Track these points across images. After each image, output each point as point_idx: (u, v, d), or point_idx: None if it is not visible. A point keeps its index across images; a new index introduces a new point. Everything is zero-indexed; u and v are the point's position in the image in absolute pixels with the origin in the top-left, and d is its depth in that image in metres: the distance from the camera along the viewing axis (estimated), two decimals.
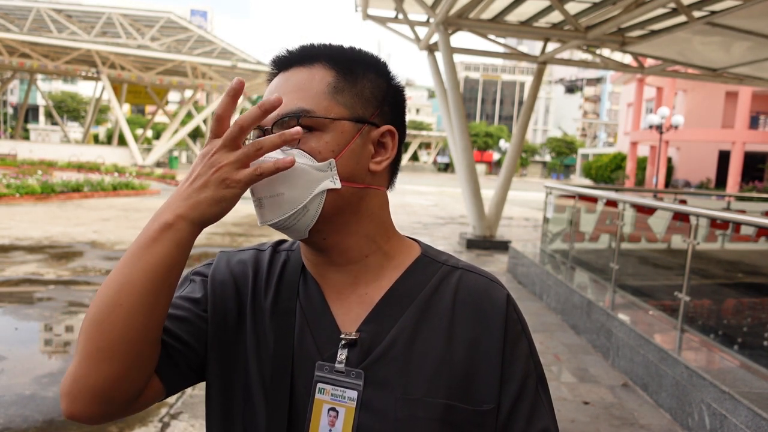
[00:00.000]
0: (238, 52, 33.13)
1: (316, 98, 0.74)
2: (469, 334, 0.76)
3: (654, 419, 3.62)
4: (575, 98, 79.64)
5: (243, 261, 0.85)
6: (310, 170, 0.71)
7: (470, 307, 0.78)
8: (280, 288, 0.81)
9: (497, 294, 0.79)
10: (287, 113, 0.73)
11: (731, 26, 7.70)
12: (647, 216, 6.51)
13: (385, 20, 10.39)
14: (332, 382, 0.73)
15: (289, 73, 0.77)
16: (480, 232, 10.27)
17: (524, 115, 10.60)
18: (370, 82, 0.78)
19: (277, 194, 0.71)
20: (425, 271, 0.81)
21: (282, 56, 0.79)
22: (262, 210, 0.72)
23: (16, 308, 5.46)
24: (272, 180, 0.70)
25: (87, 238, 9.22)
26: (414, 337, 0.75)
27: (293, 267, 0.83)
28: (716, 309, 5.45)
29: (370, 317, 0.77)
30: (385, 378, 0.73)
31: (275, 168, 0.68)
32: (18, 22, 33.01)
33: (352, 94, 0.76)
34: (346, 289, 0.79)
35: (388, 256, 0.81)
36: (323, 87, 0.75)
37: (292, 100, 0.74)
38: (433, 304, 0.78)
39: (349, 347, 0.75)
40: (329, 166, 0.73)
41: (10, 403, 3.41)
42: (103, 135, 56.70)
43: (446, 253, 0.86)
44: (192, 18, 62.63)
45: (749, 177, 27.73)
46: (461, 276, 0.80)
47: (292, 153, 0.71)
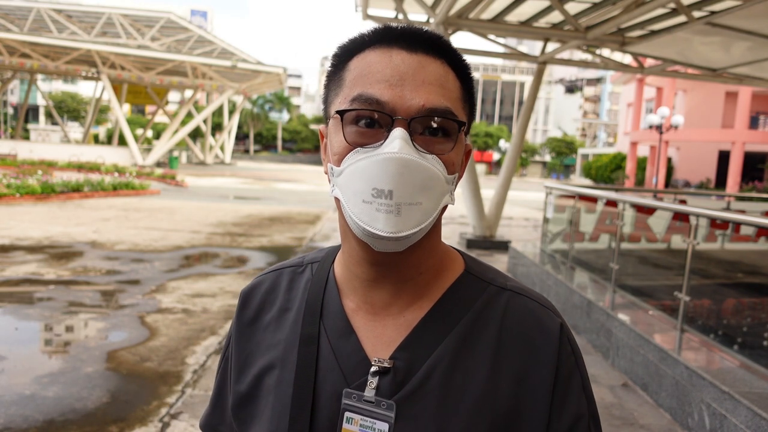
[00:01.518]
0: (238, 52, 33.16)
1: (455, 103, 0.66)
2: (516, 366, 0.68)
3: (654, 419, 3.62)
4: (575, 98, 79.60)
5: (258, 304, 0.81)
6: (443, 181, 0.65)
7: (519, 336, 0.70)
8: (300, 314, 0.75)
9: (550, 323, 0.71)
10: (436, 109, 0.64)
11: (731, 26, 7.70)
12: (647, 216, 6.51)
13: (385, 20, 10.39)
14: (361, 412, 0.67)
15: (419, 57, 0.65)
16: (480, 232, 10.27)
17: (524, 115, 10.60)
18: (473, 98, 0.72)
19: (417, 202, 0.62)
20: (469, 292, 0.73)
21: (403, 30, 0.67)
22: (397, 218, 0.62)
23: (16, 308, 5.46)
24: (416, 185, 0.62)
25: (87, 238, 9.22)
26: (454, 367, 0.68)
27: (316, 287, 0.77)
28: (716, 309, 5.45)
29: (406, 343, 0.69)
30: (420, 413, 0.66)
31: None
32: (18, 22, 33.03)
33: (469, 108, 0.70)
34: (384, 309, 0.72)
35: (437, 272, 0.73)
36: (457, 92, 0.68)
37: (437, 95, 0.64)
38: (477, 331, 0.70)
39: (380, 375, 0.68)
40: (454, 180, 0.68)
41: (10, 403, 3.41)
42: (103, 135, 56.69)
43: (492, 268, 0.78)
44: (192, 18, 62.67)
45: (749, 177, 27.74)
46: (510, 299, 0.72)
47: (429, 157, 0.63)
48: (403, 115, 0.63)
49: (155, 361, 4.24)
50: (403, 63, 0.64)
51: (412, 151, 0.62)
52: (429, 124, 0.64)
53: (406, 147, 0.61)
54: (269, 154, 66.35)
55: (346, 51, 0.69)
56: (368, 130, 0.64)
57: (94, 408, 3.43)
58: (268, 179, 29.11)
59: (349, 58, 0.68)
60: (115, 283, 6.51)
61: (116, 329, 4.94)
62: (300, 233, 10.92)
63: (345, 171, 0.65)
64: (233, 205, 15.96)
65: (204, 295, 6.10)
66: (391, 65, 0.64)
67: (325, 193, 21.55)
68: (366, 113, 0.64)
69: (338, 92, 0.68)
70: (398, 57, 0.65)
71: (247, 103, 51.84)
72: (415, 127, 0.63)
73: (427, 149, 0.64)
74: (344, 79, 0.67)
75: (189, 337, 4.79)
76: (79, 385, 3.73)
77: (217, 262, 7.97)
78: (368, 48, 0.67)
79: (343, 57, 0.69)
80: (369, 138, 0.64)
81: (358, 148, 0.64)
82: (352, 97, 0.65)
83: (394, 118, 0.62)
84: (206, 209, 14.11)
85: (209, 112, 37.74)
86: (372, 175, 0.62)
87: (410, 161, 0.61)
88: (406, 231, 0.62)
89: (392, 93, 0.63)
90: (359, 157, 0.63)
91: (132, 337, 4.72)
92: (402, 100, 0.63)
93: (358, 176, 0.63)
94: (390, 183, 0.61)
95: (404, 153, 0.61)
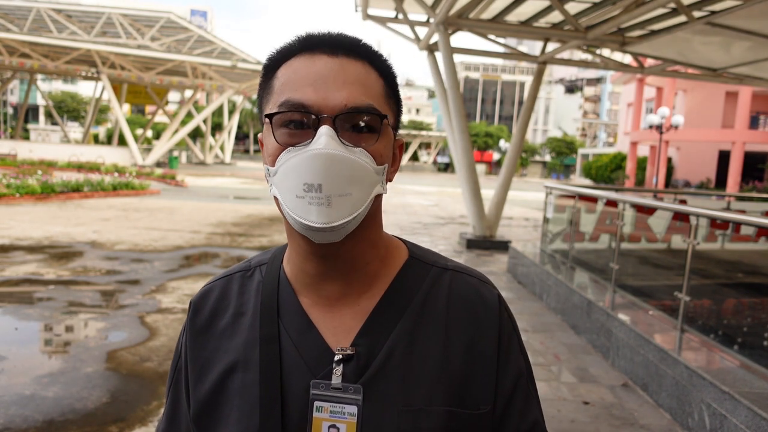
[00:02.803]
0: (238, 52, 33.13)
1: (377, 99, 0.71)
2: (465, 337, 0.75)
3: (654, 419, 3.62)
4: (575, 98, 79.63)
5: (210, 311, 0.82)
6: (372, 172, 0.69)
7: (464, 310, 0.77)
8: (257, 316, 0.77)
9: (489, 295, 0.79)
10: (357, 106, 0.68)
11: (731, 26, 7.70)
12: (647, 216, 6.51)
13: (385, 20, 10.39)
14: (330, 399, 0.71)
15: (340, 60, 0.70)
16: (480, 232, 10.27)
17: (524, 115, 10.60)
18: (397, 94, 0.77)
19: (346, 194, 0.67)
20: (416, 275, 0.79)
21: (324, 37, 0.72)
22: (328, 210, 0.66)
23: (16, 308, 5.46)
24: (344, 177, 0.66)
25: (87, 238, 9.22)
26: (411, 345, 0.74)
27: (269, 287, 0.79)
28: (716, 309, 5.45)
29: (365, 329, 0.74)
30: (386, 391, 0.71)
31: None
32: (18, 22, 33.01)
33: (394, 103, 0.75)
34: (339, 300, 0.76)
35: (383, 261, 0.78)
36: (380, 89, 0.72)
37: (358, 93, 0.69)
38: (427, 310, 0.76)
39: (344, 362, 0.72)
40: (383, 170, 0.72)
41: (10, 403, 3.41)
42: (103, 135, 56.69)
43: (431, 251, 0.84)
44: (192, 18, 62.65)
45: (749, 177, 27.74)
46: (452, 278, 0.79)
47: (356, 151, 0.68)
48: (328, 113, 0.67)
49: (155, 361, 4.24)
50: (325, 66, 0.69)
51: (338, 146, 0.66)
52: (353, 120, 0.68)
53: (332, 142, 0.66)
54: None
55: (274, 60, 0.73)
56: (297, 131, 0.68)
57: (94, 408, 3.43)
58: None
59: (276, 67, 0.73)
60: (115, 283, 6.51)
61: (116, 329, 4.94)
62: None
63: (279, 170, 0.69)
64: (233, 205, 15.96)
65: None
66: (314, 70, 0.69)
67: None
68: (294, 116, 0.68)
69: (268, 99, 0.72)
70: (321, 61, 0.70)
71: (247, 103, 51.80)
72: (341, 125, 0.67)
73: (354, 143, 0.68)
74: (273, 86, 0.72)
75: None
76: (79, 385, 3.73)
77: (217, 262, 7.97)
78: (294, 56, 0.72)
79: (271, 66, 0.73)
80: (298, 138, 0.68)
81: (289, 147, 0.68)
82: (280, 102, 0.69)
83: (320, 117, 0.67)
84: (206, 209, 14.11)
85: (209, 112, 37.73)
86: (302, 171, 0.66)
87: (336, 155, 0.65)
88: (338, 221, 0.67)
89: (316, 95, 0.67)
90: (290, 155, 0.67)
91: (132, 337, 4.72)
92: (326, 101, 0.67)
93: (290, 173, 0.67)
94: (319, 177, 0.65)
95: (330, 148, 0.65)
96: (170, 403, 0.85)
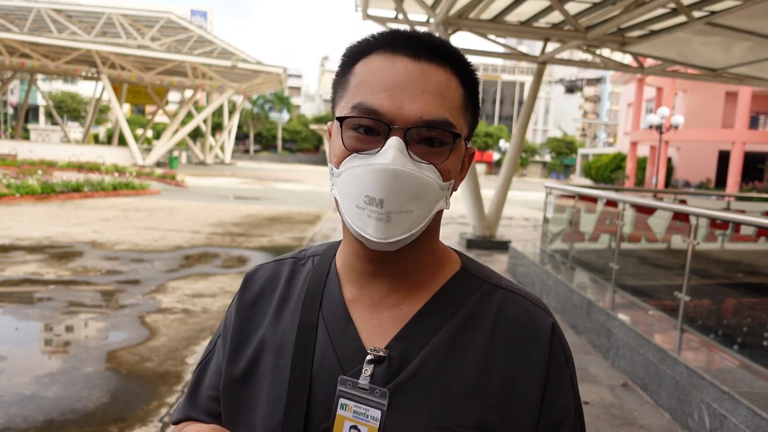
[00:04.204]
0: (238, 52, 33.16)
1: (455, 112, 0.67)
2: (508, 362, 0.71)
3: (654, 419, 3.62)
4: (575, 98, 79.58)
5: (260, 289, 0.82)
6: (437, 189, 0.67)
7: (512, 333, 0.72)
8: (300, 303, 0.77)
9: (542, 321, 0.74)
10: (432, 120, 0.65)
11: (731, 26, 7.69)
12: (647, 216, 6.52)
13: (385, 20, 10.39)
14: (355, 399, 0.69)
15: (421, 65, 0.66)
16: (480, 232, 10.27)
17: (524, 115, 10.60)
18: (477, 101, 0.74)
19: (407, 211, 0.65)
20: (465, 288, 0.75)
21: (409, 36, 0.68)
22: (387, 225, 0.64)
23: (16, 308, 5.46)
24: (407, 194, 0.64)
25: (87, 238, 9.22)
26: (447, 359, 0.70)
27: (317, 277, 0.79)
28: (716, 309, 5.45)
29: (402, 334, 0.72)
30: (413, 402, 0.68)
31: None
32: (18, 22, 33.03)
33: (471, 114, 0.72)
34: (382, 302, 0.74)
35: (435, 269, 0.76)
36: (459, 100, 0.69)
37: (435, 105, 0.65)
38: (471, 326, 0.72)
39: (375, 364, 0.70)
40: (449, 186, 0.70)
41: (10, 403, 3.41)
42: (103, 135, 56.69)
43: (488, 268, 0.81)
44: (192, 18, 62.64)
45: (749, 177, 27.73)
46: (504, 297, 0.75)
47: (423, 167, 0.65)
48: (401, 124, 0.64)
49: (155, 361, 4.24)
50: (405, 71, 0.66)
51: (407, 161, 0.64)
52: (426, 134, 0.65)
53: (400, 157, 0.63)
54: (269, 154, 66.34)
55: (353, 53, 0.70)
56: (366, 137, 0.66)
57: (94, 408, 3.43)
58: (268, 179, 29.11)
59: (355, 61, 0.70)
60: (115, 283, 6.51)
61: (116, 329, 4.94)
62: (300, 233, 10.92)
63: (342, 174, 0.67)
64: (233, 205, 15.96)
65: (204, 295, 6.10)
66: (393, 73, 0.66)
67: (325, 193, 21.57)
68: (364, 122, 0.66)
69: (343, 95, 0.70)
70: (401, 64, 0.66)
71: (247, 103, 51.83)
72: (412, 137, 0.65)
73: (423, 158, 0.66)
74: (349, 82, 0.69)
75: (189, 337, 4.79)
76: (79, 385, 3.73)
77: (217, 262, 7.97)
78: (374, 52, 0.68)
79: (350, 60, 0.70)
80: (367, 144, 0.66)
81: (356, 153, 0.66)
82: (353, 104, 0.66)
83: (391, 128, 0.64)
84: (206, 209, 14.11)
85: (209, 112, 37.73)
86: (365, 183, 0.64)
87: (401, 172, 0.63)
88: (395, 237, 0.65)
89: (391, 103, 0.64)
90: (355, 163, 0.66)
91: (132, 337, 4.72)
92: (400, 111, 0.64)
93: (353, 182, 0.66)
94: (381, 192, 0.63)
95: (396, 164, 0.63)
96: (195, 378, 0.86)
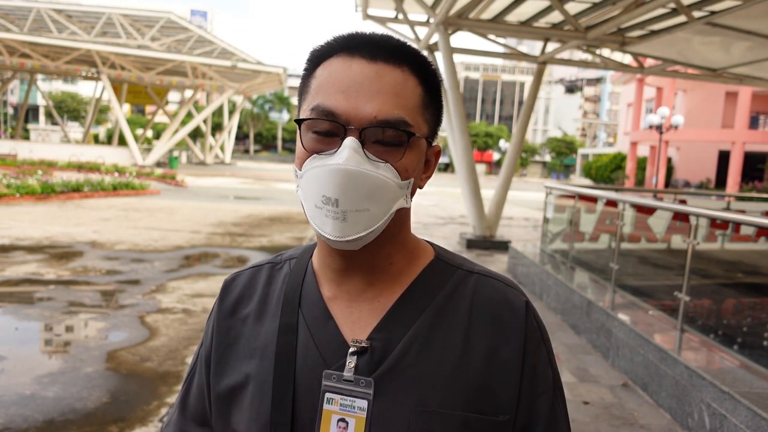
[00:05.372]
0: (238, 52, 33.15)
1: (412, 111, 0.69)
2: (487, 342, 0.73)
3: (654, 419, 3.62)
4: (575, 98, 79.59)
5: (238, 296, 0.83)
6: (395, 187, 0.68)
7: (488, 314, 0.74)
8: (279, 306, 0.78)
9: (516, 300, 0.76)
10: (386, 120, 0.66)
11: (731, 26, 7.70)
12: (647, 216, 6.52)
13: (385, 20, 10.39)
14: (341, 392, 0.70)
15: (377, 66, 0.68)
16: (480, 232, 10.27)
17: (524, 115, 10.60)
18: (439, 101, 0.74)
19: (363, 209, 0.66)
20: (440, 276, 0.77)
21: (366, 39, 0.69)
22: (343, 224, 0.67)
23: (16, 308, 5.46)
24: (362, 193, 0.66)
25: (87, 238, 9.22)
26: (428, 345, 0.72)
27: (294, 279, 0.80)
28: (716, 309, 5.45)
29: (382, 324, 0.73)
30: (398, 389, 0.70)
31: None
32: (18, 22, 33.02)
33: (431, 112, 0.73)
34: (360, 296, 0.75)
35: (408, 261, 0.77)
36: (416, 99, 0.70)
37: (390, 105, 0.66)
38: (449, 311, 0.74)
39: (358, 355, 0.71)
40: (408, 185, 0.71)
41: (10, 403, 3.41)
42: (103, 135, 56.69)
43: (461, 256, 0.82)
44: (192, 18, 62.68)
45: (749, 177, 27.73)
46: (477, 281, 0.77)
47: (380, 165, 0.67)
48: (356, 125, 0.66)
49: (155, 361, 4.24)
50: (361, 72, 0.67)
51: (362, 160, 0.65)
52: (381, 134, 0.67)
53: (355, 156, 0.65)
54: (269, 154, 66.35)
55: (315, 58, 0.72)
56: (325, 138, 0.67)
57: (94, 408, 3.43)
58: (268, 179, 29.10)
59: (316, 65, 0.71)
60: (115, 283, 6.51)
61: (116, 329, 4.94)
62: (300, 233, 10.92)
63: (304, 176, 0.69)
64: (233, 205, 15.96)
65: (204, 295, 6.10)
66: (350, 75, 0.67)
67: None
68: (321, 123, 0.67)
69: (305, 98, 0.72)
70: (358, 66, 0.67)
71: (247, 103, 51.83)
72: (369, 136, 0.66)
73: (380, 157, 0.67)
74: (310, 86, 0.71)
75: (189, 337, 4.79)
76: (79, 385, 3.73)
77: (217, 262, 7.97)
78: (334, 55, 0.70)
79: (311, 64, 0.72)
80: (326, 145, 0.67)
81: (315, 154, 0.68)
82: (312, 106, 0.68)
83: (347, 128, 0.66)
84: (206, 209, 14.11)
85: (209, 112, 37.72)
86: (321, 183, 0.66)
87: (355, 172, 0.64)
88: (352, 236, 0.67)
89: (347, 104, 0.66)
90: (314, 164, 0.67)
91: (132, 337, 4.72)
92: (355, 111, 0.66)
93: (312, 182, 0.67)
94: (335, 192, 0.65)
95: (349, 164, 0.64)
96: (184, 390, 0.86)
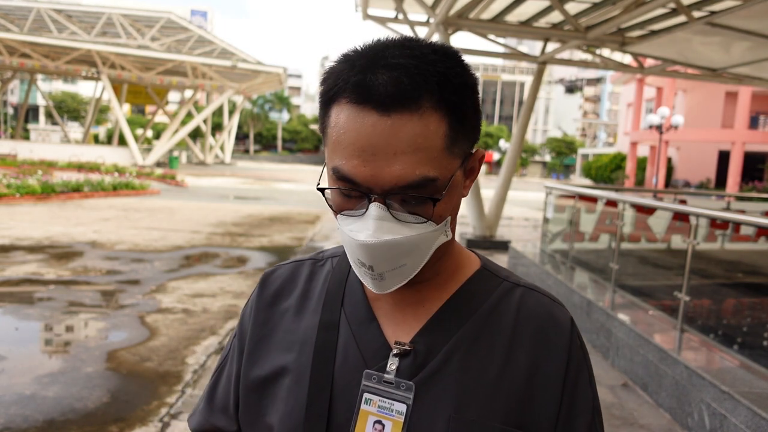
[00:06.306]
0: (238, 52, 33.16)
1: (437, 160, 0.63)
2: (530, 357, 0.72)
3: (654, 419, 3.62)
4: (575, 98, 79.59)
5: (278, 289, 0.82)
6: (430, 236, 0.66)
7: (533, 329, 0.73)
8: (321, 302, 0.78)
9: (562, 317, 0.75)
10: (410, 184, 0.62)
11: (731, 26, 7.69)
12: (647, 216, 6.52)
13: (385, 20, 10.38)
14: (380, 393, 0.69)
15: (392, 120, 0.61)
16: (480, 232, 10.27)
17: (524, 115, 10.60)
18: (473, 108, 0.67)
19: (400, 266, 0.66)
20: (485, 286, 0.76)
21: (376, 87, 0.61)
22: (381, 282, 0.67)
23: (16, 308, 5.46)
24: (396, 255, 0.65)
25: (87, 238, 9.22)
26: (471, 354, 0.71)
27: (337, 277, 0.79)
28: (716, 309, 5.45)
29: (426, 329, 0.72)
30: (438, 395, 0.69)
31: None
32: (18, 22, 33.04)
33: (463, 137, 0.66)
34: (404, 299, 0.75)
35: (454, 270, 0.77)
36: (440, 142, 0.63)
37: (411, 166, 0.62)
38: (493, 322, 0.73)
39: (401, 358, 0.70)
40: (446, 223, 0.68)
41: (10, 403, 3.41)
42: (103, 135, 56.69)
43: (506, 268, 0.82)
44: (192, 18, 62.63)
45: (749, 177, 27.72)
46: (523, 294, 0.76)
47: (412, 224, 0.64)
48: (378, 192, 0.63)
49: (155, 361, 4.24)
50: (374, 130, 0.61)
51: (392, 225, 0.63)
52: (408, 198, 0.64)
53: (382, 226, 0.63)
54: (269, 154, 66.35)
55: (326, 94, 0.66)
56: (351, 199, 0.66)
57: (94, 408, 3.43)
58: (268, 179, 29.11)
59: (329, 104, 0.66)
60: (115, 283, 6.51)
61: (116, 329, 4.94)
62: (300, 233, 10.92)
63: (339, 229, 0.69)
64: (233, 205, 15.96)
65: (204, 295, 6.10)
66: (364, 134, 0.62)
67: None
68: (344, 188, 0.65)
69: (325, 140, 0.68)
70: (369, 120, 0.61)
71: (247, 103, 51.82)
72: (394, 197, 0.64)
73: (412, 211, 0.65)
74: (327, 128, 0.66)
75: (189, 337, 4.79)
76: (79, 385, 3.73)
77: (217, 262, 7.98)
78: (343, 97, 0.63)
79: (324, 99, 0.67)
80: (353, 204, 0.66)
81: (344, 212, 0.67)
82: (332, 166, 0.65)
83: (370, 196, 0.63)
84: (206, 209, 14.12)
85: (209, 112, 37.73)
86: (354, 249, 0.66)
87: (384, 244, 0.63)
88: (392, 288, 0.68)
89: (365, 170, 0.62)
90: (345, 226, 0.66)
91: (132, 337, 4.72)
92: (374, 179, 0.62)
93: (346, 242, 0.67)
94: (368, 260, 0.65)
95: (377, 237, 0.63)
96: (213, 380, 0.86)
